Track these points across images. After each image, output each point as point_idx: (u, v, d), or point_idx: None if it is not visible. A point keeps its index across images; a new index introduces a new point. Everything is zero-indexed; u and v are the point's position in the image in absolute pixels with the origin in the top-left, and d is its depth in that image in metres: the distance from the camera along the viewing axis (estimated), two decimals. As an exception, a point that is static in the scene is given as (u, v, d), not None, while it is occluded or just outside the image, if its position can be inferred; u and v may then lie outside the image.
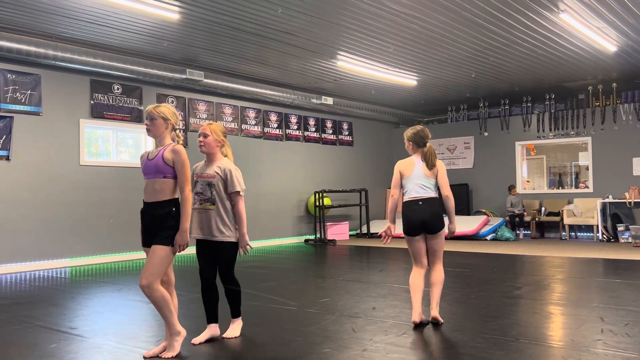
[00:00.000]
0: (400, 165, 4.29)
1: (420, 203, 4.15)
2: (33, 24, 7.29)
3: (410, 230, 4.17)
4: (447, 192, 4.25)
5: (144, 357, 3.47)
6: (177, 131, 3.70)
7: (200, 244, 3.83)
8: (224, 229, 3.75)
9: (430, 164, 4.21)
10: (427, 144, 4.28)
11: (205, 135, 3.83)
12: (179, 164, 3.46)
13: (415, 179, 4.19)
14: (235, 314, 3.94)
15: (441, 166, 4.27)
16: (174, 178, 3.48)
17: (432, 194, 4.21)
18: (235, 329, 3.91)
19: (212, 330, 3.84)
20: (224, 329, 3.93)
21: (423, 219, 4.13)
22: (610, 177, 11.51)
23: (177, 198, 3.51)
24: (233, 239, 3.78)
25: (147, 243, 3.51)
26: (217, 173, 3.78)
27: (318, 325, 4.24)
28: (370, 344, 3.66)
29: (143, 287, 3.35)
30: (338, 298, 5.31)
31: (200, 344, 3.74)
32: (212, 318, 3.87)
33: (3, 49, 7.26)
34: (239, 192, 3.78)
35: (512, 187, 12.12)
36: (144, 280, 3.34)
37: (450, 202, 4.25)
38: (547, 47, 8.87)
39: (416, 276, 4.19)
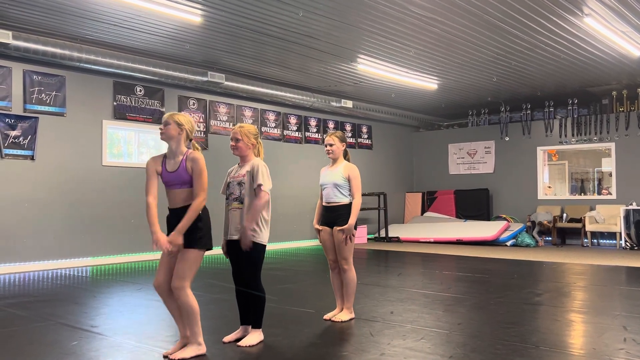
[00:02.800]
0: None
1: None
2: (58, 26, 7.42)
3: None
4: None
5: (165, 357, 3.50)
6: (193, 141, 3.68)
7: (228, 245, 3.84)
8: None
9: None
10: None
11: (237, 140, 3.84)
12: (196, 171, 3.47)
13: None
14: (255, 324, 3.80)
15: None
16: None
17: None
18: (252, 338, 3.75)
19: (244, 330, 3.87)
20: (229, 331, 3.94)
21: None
22: (634, 184, 11.31)
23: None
24: (258, 240, 3.72)
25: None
26: (248, 171, 3.78)
27: (335, 329, 4.24)
28: (388, 348, 3.65)
29: (175, 289, 3.37)
30: (356, 302, 5.29)
31: (230, 342, 3.80)
32: (243, 320, 3.89)
33: (29, 51, 7.40)
34: (261, 185, 3.68)
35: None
36: (177, 282, 3.37)
37: None
38: (571, 51, 8.76)
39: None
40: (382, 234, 12.65)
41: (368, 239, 12.61)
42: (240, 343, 3.72)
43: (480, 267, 7.95)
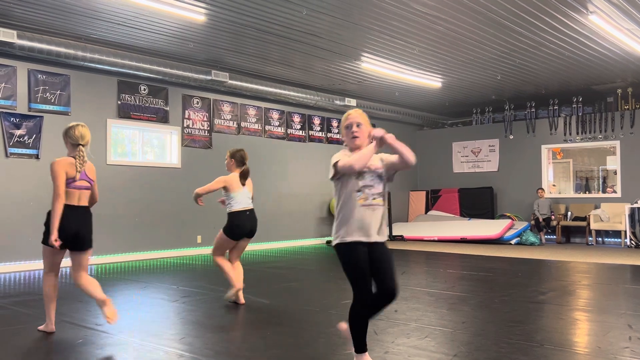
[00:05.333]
0: (227, 180, 5.11)
1: (248, 213, 5.14)
2: (63, 25, 7.44)
3: (241, 234, 5.13)
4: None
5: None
6: (79, 149, 4.09)
7: (361, 250, 3.02)
8: (386, 227, 3.19)
9: (246, 180, 5.21)
10: (246, 165, 5.24)
11: (359, 124, 3.12)
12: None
13: (245, 192, 5.17)
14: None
15: (250, 182, 5.31)
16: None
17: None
18: None
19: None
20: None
21: (252, 225, 5.18)
22: None
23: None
24: None
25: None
26: (380, 162, 3.18)
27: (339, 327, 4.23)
28: (392, 347, 3.65)
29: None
30: (360, 300, 5.30)
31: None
32: (365, 345, 3.08)
33: (34, 50, 7.42)
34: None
35: (538, 190, 11.99)
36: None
37: None
38: (575, 49, 8.73)
39: (221, 257, 5.19)
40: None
41: (372, 238, 12.59)
42: None
43: (485, 266, 7.94)
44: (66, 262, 8.05)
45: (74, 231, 4.00)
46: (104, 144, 8.61)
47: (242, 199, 5.12)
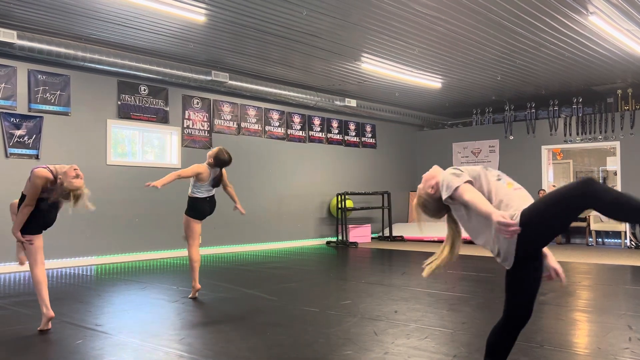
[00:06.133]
0: (201, 170, 5.45)
1: (208, 199, 5.57)
2: (63, 25, 7.44)
3: (202, 216, 5.58)
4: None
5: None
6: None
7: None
8: None
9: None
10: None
11: None
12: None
13: (210, 184, 5.54)
14: None
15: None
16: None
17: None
18: None
19: None
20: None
21: (211, 209, 5.64)
22: (639, 183, 11.26)
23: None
24: None
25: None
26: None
27: (340, 328, 4.24)
28: (392, 347, 3.65)
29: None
30: (360, 300, 5.30)
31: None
32: None
33: (34, 51, 7.42)
34: None
35: (539, 191, 11.99)
36: None
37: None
38: (575, 49, 8.73)
39: (196, 250, 5.57)
40: (386, 233, 12.64)
41: (372, 238, 12.60)
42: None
43: (485, 266, 7.93)
44: (64, 262, 8.05)
45: (51, 221, 4.58)
46: (104, 144, 8.61)
47: (205, 190, 5.52)
